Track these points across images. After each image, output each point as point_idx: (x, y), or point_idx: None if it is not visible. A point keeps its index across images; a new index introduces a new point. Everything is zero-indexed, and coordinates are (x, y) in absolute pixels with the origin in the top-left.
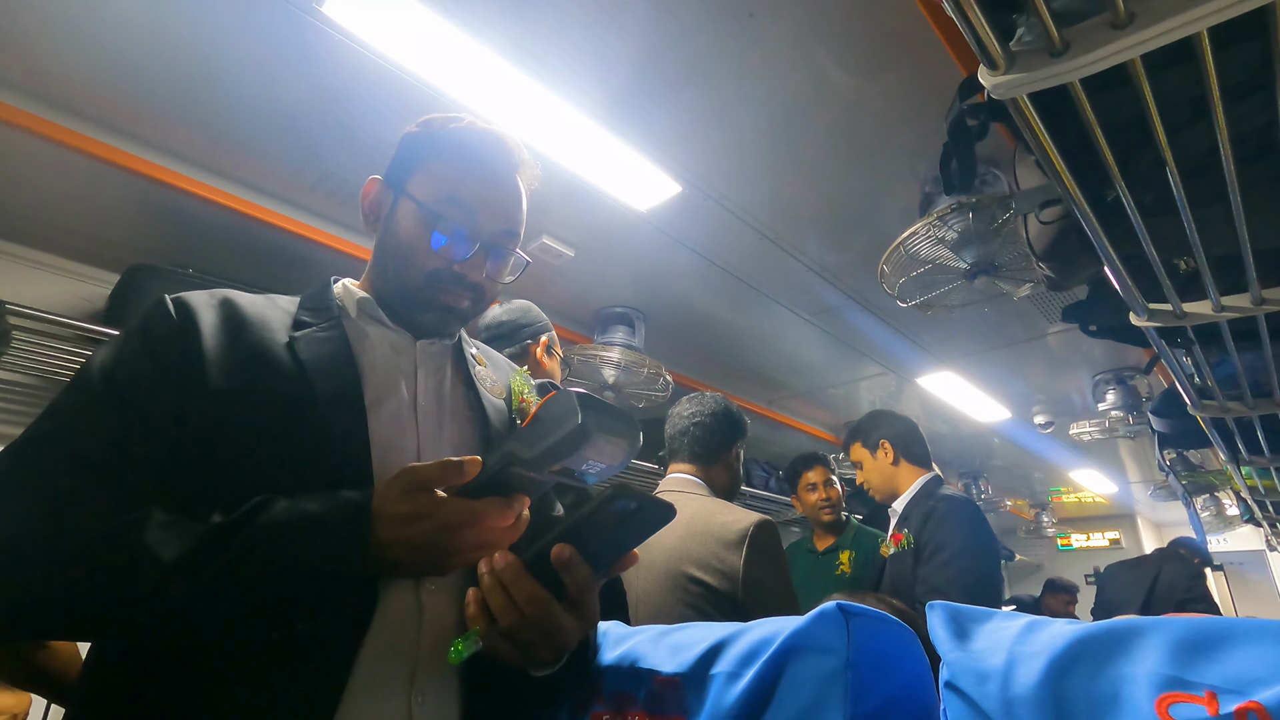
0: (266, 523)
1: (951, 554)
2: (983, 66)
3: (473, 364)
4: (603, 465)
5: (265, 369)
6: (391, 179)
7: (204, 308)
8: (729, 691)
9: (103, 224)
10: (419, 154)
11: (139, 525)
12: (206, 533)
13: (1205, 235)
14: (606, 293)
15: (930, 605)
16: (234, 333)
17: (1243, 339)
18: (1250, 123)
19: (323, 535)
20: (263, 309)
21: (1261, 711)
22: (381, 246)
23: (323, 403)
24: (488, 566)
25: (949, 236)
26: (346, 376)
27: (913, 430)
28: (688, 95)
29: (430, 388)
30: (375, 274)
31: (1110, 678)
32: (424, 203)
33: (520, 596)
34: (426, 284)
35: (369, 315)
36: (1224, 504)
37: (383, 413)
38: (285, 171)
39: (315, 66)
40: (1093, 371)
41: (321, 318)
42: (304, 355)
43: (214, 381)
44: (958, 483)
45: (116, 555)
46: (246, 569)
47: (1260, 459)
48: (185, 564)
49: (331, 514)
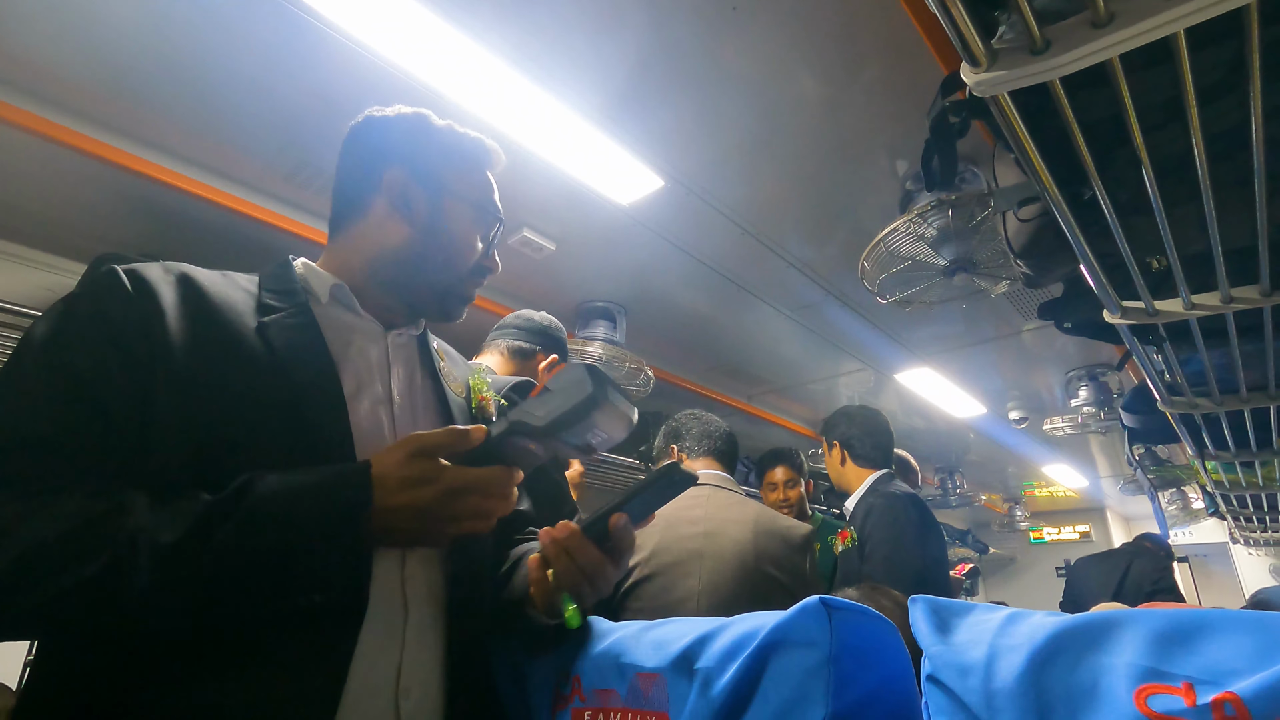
0: (265, 493)
1: (888, 551)
2: (965, 64)
3: (437, 358)
4: (604, 436)
5: (238, 357)
6: (421, 176)
7: (162, 284)
8: (712, 686)
9: (70, 212)
10: (443, 152)
11: (125, 510)
12: (202, 511)
13: (1178, 234)
14: (587, 287)
15: (912, 599)
16: (198, 315)
17: (1212, 337)
18: (1223, 123)
19: (325, 499)
20: (224, 288)
21: (1237, 702)
22: (427, 241)
23: (301, 394)
24: (551, 537)
25: (929, 233)
26: (323, 367)
27: (868, 431)
28: (670, 90)
29: (402, 379)
30: (398, 263)
31: (1090, 669)
32: (476, 203)
33: (582, 560)
34: (470, 276)
35: (340, 302)
36: (1190, 498)
37: (361, 405)
38: (260, 162)
39: (294, 57)
40: (1066, 368)
41: (288, 301)
42: (277, 343)
43: (181, 369)
44: (934, 477)
45: (108, 542)
46: (250, 542)
47: (1225, 454)
48: (185, 546)
49: (332, 479)
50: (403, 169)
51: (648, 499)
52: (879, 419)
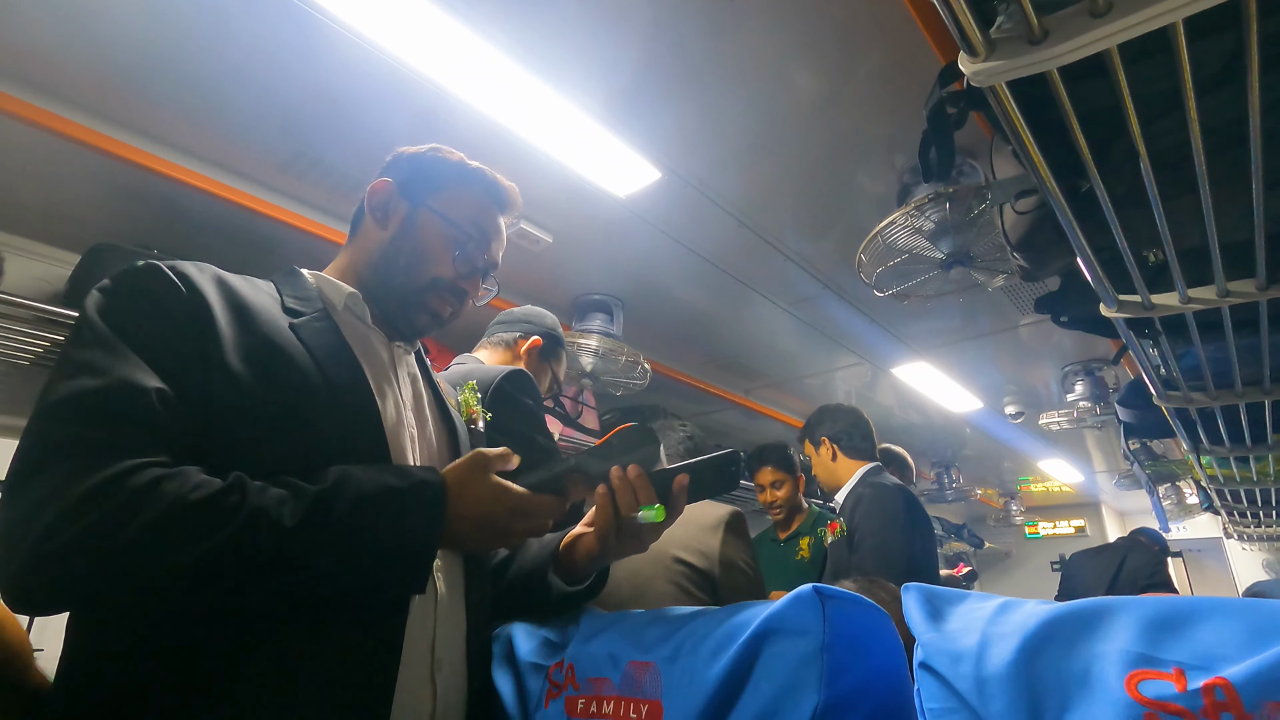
0: (366, 491)
1: (876, 540)
2: (963, 54)
3: (431, 372)
4: None
5: (280, 353)
6: (408, 189)
7: (203, 280)
8: (705, 675)
9: (64, 202)
10: (441, 176)
11: (243, 488)
12: (315, 498)
13: (1174, 228)
14: (584, 279)
15: (905, 587)
16: (239, 311)
17: (1207, 331)
18: (1221, 116)
19: (409, 507)
20: (252, 291)
21: (1227, 686)
22: (394, 247)
23: (337, 390)
24: (620, 473)
25: (926, 226)
26: (353, 368)
27: (855, 425)
28: (668, 83)
29: (407, 386)
30: (372, 271)
31: (1081, 656)
32: (450, 219)
33: (645, 498)
34: (429, 287)
35: (352, 311)
36: (1184, 493)
37: (387, 404)
38: (257, 152)
39: (292, 49)
40: (1062, 363)
41: (310, 307)
42: (310, 343)
43: (231, 362)
44: (930, 472)
45: (231, 518)
46: (353, 538)
47: (1220, 448)
48: (302, 531)
49: (414, 489)
50: (392, 183)
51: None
52: (861, 413)
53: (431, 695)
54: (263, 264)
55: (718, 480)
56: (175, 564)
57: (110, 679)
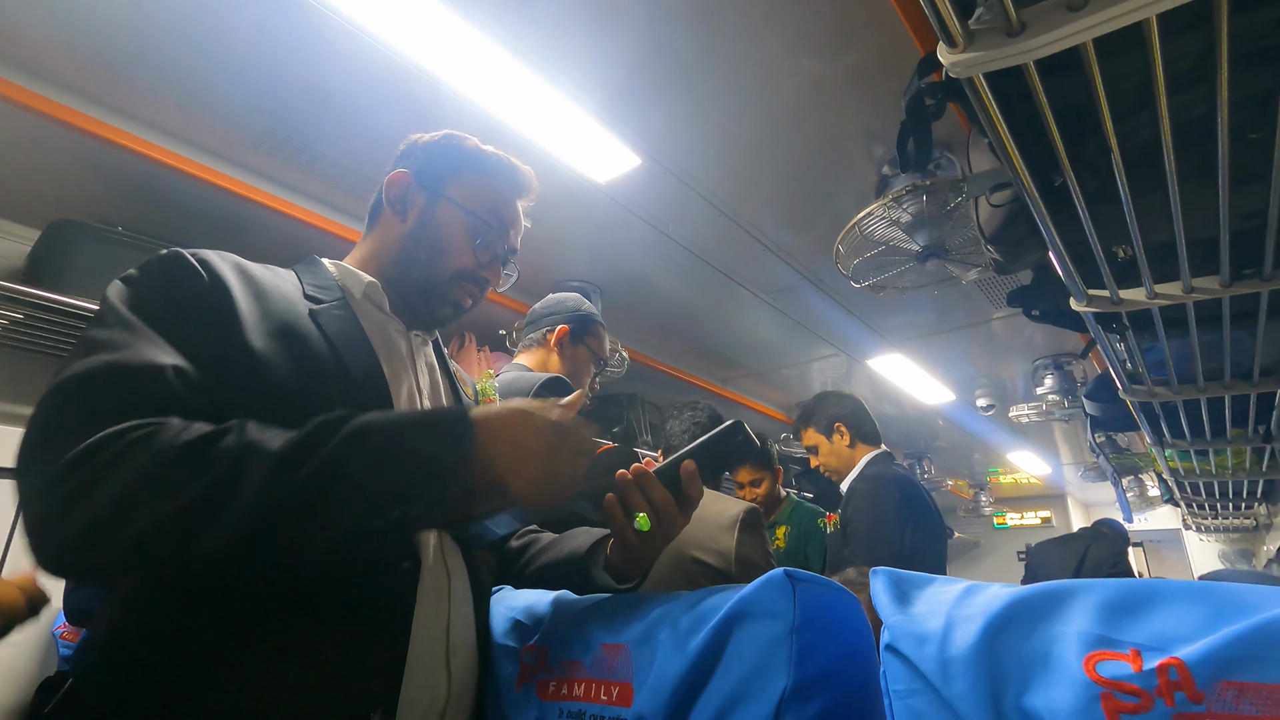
0: (369, 420)
1: (866, 534)
2: (942, 44)
3: (448, 360)
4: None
5: (299, 339)
6: (425, 180)
7: (224, 267)
8: (676, 657)
9: (24, 176)
10: (458, 164)
11: (242, 428)
12: (312, 426)
13: (1144, 223)
14: (562, 265)
15: (873, 571)
16: (260, 297)
17: (1172, 326)
18: (1190, 112)
19: (429, 428)
20: (274, 278)
21: (1181, 666)
22: (414, 239)
23: (352, 378)
24: (626, 476)
25: (903, 219)
26: (368, 356)
27: (860, 409)
28: (650, 68)
29: (424, 374)
30: (393, 263)
31: (1042, 638)
32: (469, 209)
33: (654, 497)
34: (452, 279)
35: (371, 301)
36: (1147, 485)
37: (400, 393)
38: (226, 128)
39: (262, 16)
40: (1033, 357)
41: (330, 295)
42: (329, 330)
43: (252, 344)
44: (903, 463)
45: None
46: (357, 456)
47: (1182, 442)
48: (295, 451)
49: (433, 412)
50: (409, 174)
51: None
52: (857, 399)
53: (446, 680)
54: (235, 244)
55: (728, 454)
56: (168, 511)
57: (124, 660)
